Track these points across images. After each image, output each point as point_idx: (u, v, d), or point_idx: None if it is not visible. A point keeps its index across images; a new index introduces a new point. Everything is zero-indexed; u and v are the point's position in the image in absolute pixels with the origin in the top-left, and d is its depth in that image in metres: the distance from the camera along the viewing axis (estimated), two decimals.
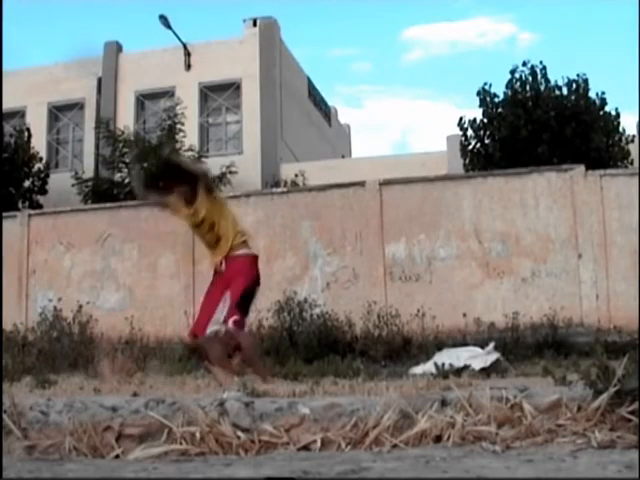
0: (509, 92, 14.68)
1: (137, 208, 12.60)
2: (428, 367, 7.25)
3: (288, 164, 19.10)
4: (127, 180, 16.87)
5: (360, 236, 11.19)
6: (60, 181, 17.63)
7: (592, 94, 14.50)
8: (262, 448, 2.50)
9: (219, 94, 20.30)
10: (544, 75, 14.72)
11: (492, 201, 10.89)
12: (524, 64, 14.77)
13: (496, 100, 14.74)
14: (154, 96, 20.46)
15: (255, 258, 5.39)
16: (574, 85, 14.50)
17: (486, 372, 6.92)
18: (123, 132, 17.28)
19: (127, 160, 16.91)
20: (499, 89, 14.92)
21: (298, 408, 2.65)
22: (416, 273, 10.92)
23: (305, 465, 2.12)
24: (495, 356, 7.59)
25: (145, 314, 11.51)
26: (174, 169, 5.37)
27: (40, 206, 16.52)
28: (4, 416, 2.59)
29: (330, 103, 26.19)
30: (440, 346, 8.97)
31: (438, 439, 2.48)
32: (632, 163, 14.56)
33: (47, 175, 17.86)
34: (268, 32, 20.04)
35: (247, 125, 19.81)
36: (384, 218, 11.06)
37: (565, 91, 14.51)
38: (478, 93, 14.94)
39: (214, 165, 17.00)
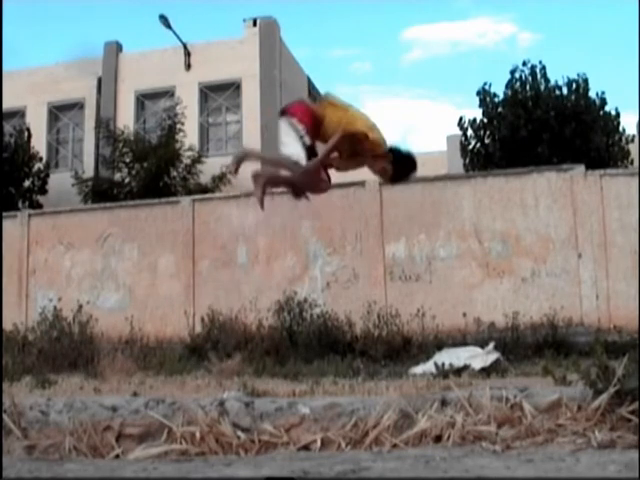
0: (509, 92, 14.67)
1: (137, 208, 12.62)
2: (428, 367, 7.26)
3: None
4: (127, 180, 16.88)
5: (360, 236, 11.19)
6: (60, 181, 17.62)
7: (592, 94, 14.50)
8: (262, 448, 2.50)
9: (219, 94, 20.30)
10: (544, 75, 14.71)
11: (492, 201, 10.89)
12: (524, 64, 14.78)
13: (496, 100, 14.74)
14: (154, 96, 20.44)
15: None
16: (574, 85, 14.49)
17: (486, 372, 6.93)
18: (123, 132, 17.28)
19: (127, 160, 16.91)
20: (499, 89, 14.93)
21: (298, 408, 2.65)
22: (416, 273, 10.91)
23: (305, 465, 2.12)
24: (495, 356, 7.59)
25: (145, 314, 11.51)
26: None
27: (40, 206, 16.51)
28: (4, 416, 2.59)
29: None
30: (440, 346, 8.97)
31: (438, 439, 2.48)
32: (632, 163, 14.56)
33: (47, 175, 17.86)
34: (268, 32, 20.03)
35: (247, 125, 19.80)
36: (384, 218, 11.06)
37: (565, 91, 14.50)
38: (478, 93, 14.94)
39: (214, 165, 17.06)
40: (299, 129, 3.96)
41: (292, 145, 3.98)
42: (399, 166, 4.16)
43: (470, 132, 15.02)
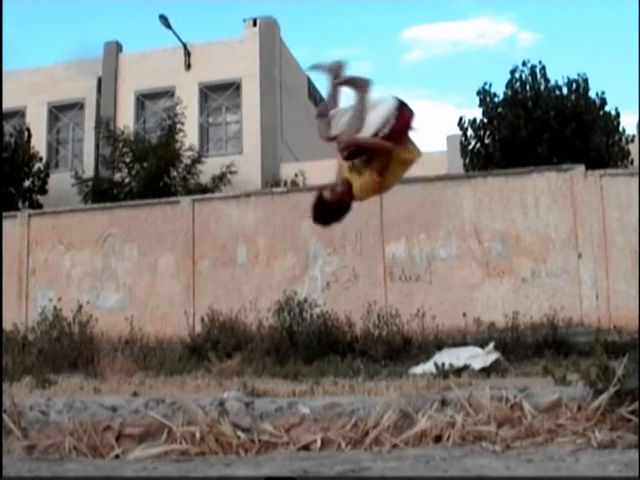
0: (509, 92, 14.66)
1: (137, 208, 12.61)
2: (428, 367, 7.26)
3: (288, 164, 19.09)
4: (127, 180, 16.89)
5: (360, 236, 11.18)
6: (60, 181, 17.62)
7: (592, 94, 14.50)
8: (262, 448, 2.50)
9: (219, 94, 20.30)
10: (544, 75, 14.70)
11: (492, 201, 10.89)
12: (524, 64, 14.77)
13: (496, 100, 14.73)
14: (154, 96, 20.44)
15: None
16: (574, 85, 14.48)
17: (486, 372, 6.93)
18: (123, 132, 17.28)
19: (127, 160, 16.92)
20: (499, 89, 14.92)
21: (298, 408, 2.65)
22: (416, 273, 10.91)
23: (305, 465, 2.12)
24: (495, 356, 7.60)
25: (145, 314, 11.50)
26: None
27: (40, 206, 16.51)
28: (4, 416, 2.59)
29: None
30: (440, 346, 8.98)
31: (438, 439, 2.48)
32: (632, 163, 14.55)
33: (47, 175, 17.86)
34: (268, 32, 20.03)
35: (247, 125, 19.80)
36: (384, 218, 11.06)
37: (565, 91, 14.50)
38: (478, 93, 14.93)
39: (214, 165, 17.06)
40: (386, 128, 3.84)
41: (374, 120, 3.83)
42: (330, 207, 4.04)
43: (470, 132, 15.01)
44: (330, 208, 4.08)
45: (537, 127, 13.79)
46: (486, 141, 14.77)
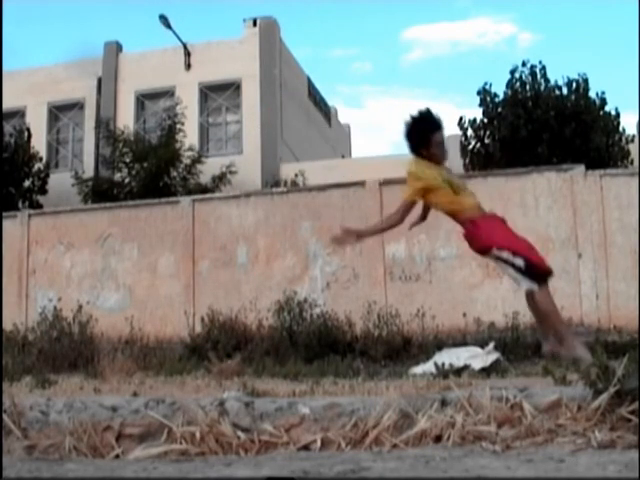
0: (509, 92, 14.68)
1: (137, 208, 12.62)
2: (428, 367, 7.25)
3: (288, 164, 19.10)
4: (127, 180, 16.90)
5: None
6: (60, 181, 17.64)
7: (592, 94, 14.52)
8: (262, 448, 2.49)
9: (219, 94, 20.32)
10: (544, 75, 14.72)
11: (492, 201, 10.84)
12: (524, 64, 14.79)
13: (496, 100, 14.75)
14: (154, 96, 20.47)
15: None
16: (574, 85, 14.50)
17: (486, 372, 6.92)
18: (123, 132, 17.30)
19: (127, 160, 16.93)
20: (499, 89, 14.95)
21: (298, 408, 2.64)
22: (416, 273, 10.91)
23: (305, 465, 2.12)
24: (495, 356, 7.58)
25: (145, 314, 11.51)
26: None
27: (40, 206, 16.52)
28: (4, 416, 2.59)
29: (330, 103, 26.21)
30: (440, 346, 8.97)
31: (438, 439, 2.48)
32: (632, 163, 14.56)
33: (47, 175, 17.88)
34: (268, 32, 20.04)
35: (247, 125, 19.82)
36: (384, 218, 11.05)
37: (565, 91, 14.52)
38: (478, 93, 14.95)
39: (214, 165, 17.08)
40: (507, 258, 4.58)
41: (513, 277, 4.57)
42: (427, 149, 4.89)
43: (470, 132, 15.03)
44: (425, 148, 4.85)
45: (537, 127, 13.80)
46: (486, 141, 14.79)
